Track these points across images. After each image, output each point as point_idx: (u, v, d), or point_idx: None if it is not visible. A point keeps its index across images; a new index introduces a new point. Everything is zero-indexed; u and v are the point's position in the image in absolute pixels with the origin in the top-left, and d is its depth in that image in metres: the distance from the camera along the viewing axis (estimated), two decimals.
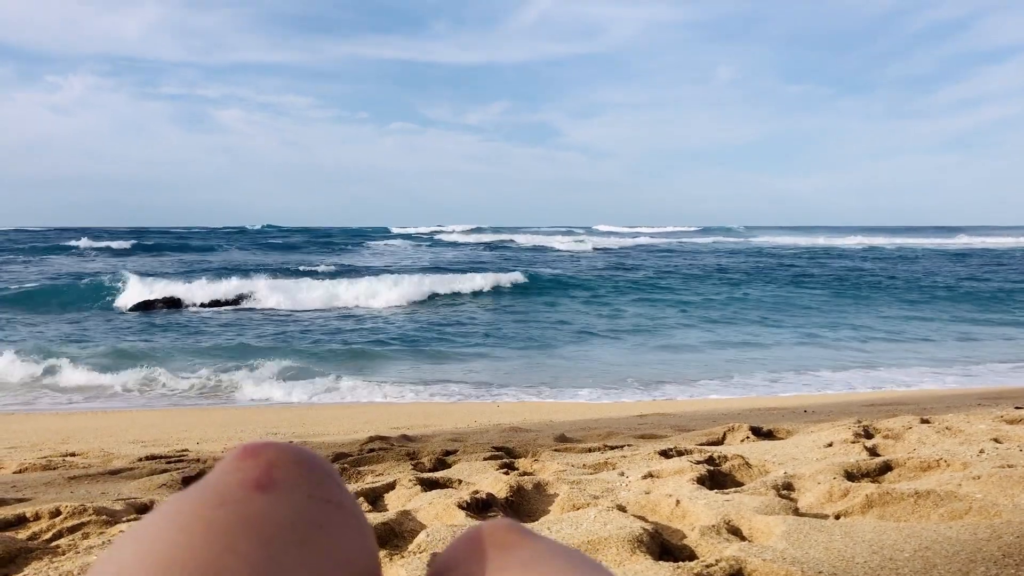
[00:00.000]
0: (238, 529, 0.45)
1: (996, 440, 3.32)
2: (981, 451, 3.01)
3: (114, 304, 16.72)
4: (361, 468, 3.70)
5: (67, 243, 44.97)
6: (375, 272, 23.00)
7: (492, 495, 2.74)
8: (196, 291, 17.57)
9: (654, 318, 15.13)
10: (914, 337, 12.69)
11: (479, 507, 2.64)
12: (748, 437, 4.20)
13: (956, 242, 56.16)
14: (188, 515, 0.46)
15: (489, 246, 49.65)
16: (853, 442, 3.51)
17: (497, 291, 19.97)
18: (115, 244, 44.45)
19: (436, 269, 25.26)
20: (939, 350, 11.43)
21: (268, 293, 17.54)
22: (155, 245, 45.55)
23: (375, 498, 2.99)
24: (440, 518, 2.52)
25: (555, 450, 4.03)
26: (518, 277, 21.51)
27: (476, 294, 19.44)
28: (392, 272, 22.56)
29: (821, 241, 56.94)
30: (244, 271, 23.03)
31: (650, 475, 3.05)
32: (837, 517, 2.36)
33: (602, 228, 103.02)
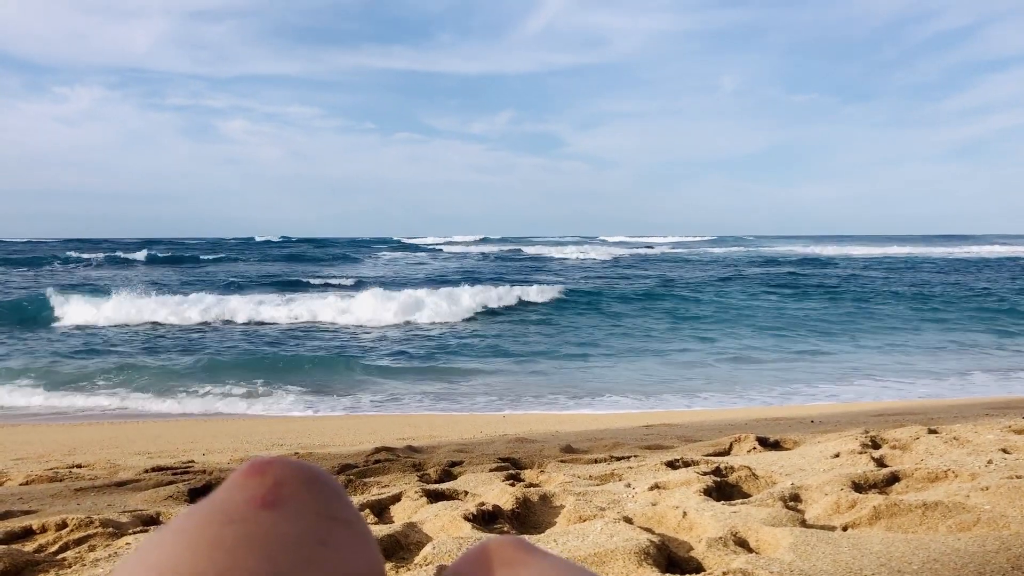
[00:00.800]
0: (245, 546, 0.45)
1: (1004, 450, 3.31)
2: (989, 462, 3.00)
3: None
4: (367, 479, 3.69)
5: (84, 255, 44.50)
6: (409, 284, 22.54)
7: (498, 507, 2.73)
8: (214, 305, 17.50)
9: (683, 331, 14.97)
10: (920, 346, 12.65)
11: (485, 519, 2.64)
12: (755, 448, 4.18)
13: (967, 251, 56.03)
14: (195, 532, 0.46)
15: (502, 256, 48.98)
16: (860, 453, 3.50)
17: (532, 305, 19.26)
18: (132, 255, 43.78)
19: (461, 280, 24.75)
20: (946, 359, 11.39)
21: (297, 307, 17.19)
22: (170, 257, 44.99)
23: (381, 510, 2.98)
24: (446, 530, 2.52)
25: (561, 461, 4.02)
26: (552, 291, 20.65)
27: (515, 306, 18.86)
28: (418, 284, 22.28)
29: (849, 251, 56.70)
30: (272, 284, 23.08)
31: (657, 486, 3.04)
32: (844, 529, 2.35)
33: (613, 239, 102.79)
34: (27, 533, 2.72)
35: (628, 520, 2.47)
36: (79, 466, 4.70)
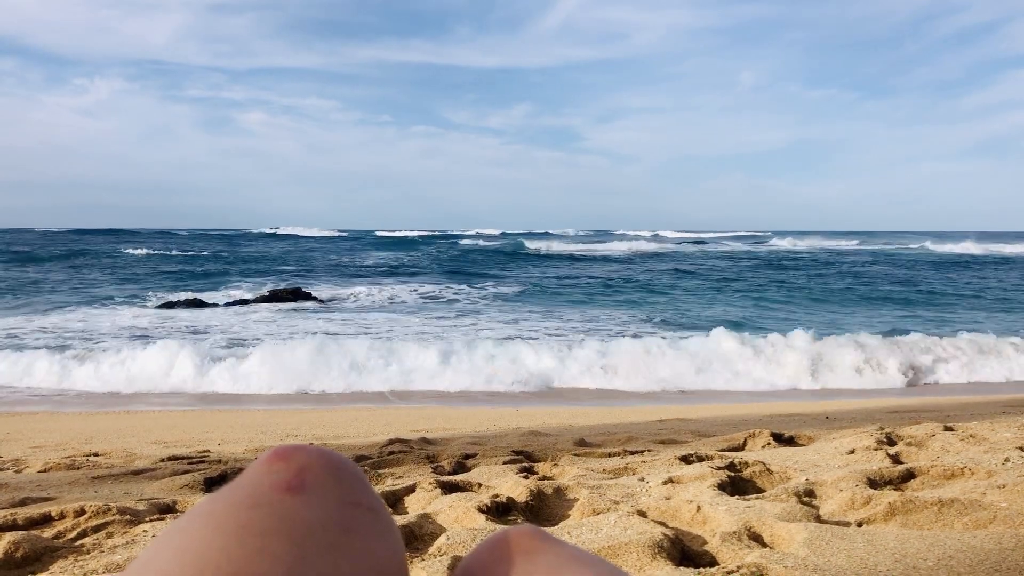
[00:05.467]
0: (271, 531, 0.46)
1: (1022, 449, 3.28)
2: (1006, 460, 2.98)
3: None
4: (381, 471, 3.71)
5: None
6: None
7: (512, 499, 2.74)
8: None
9: None
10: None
11: (499, 511, 2.65)
12: (769, 443, 4.17)
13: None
14: (222, 516, 0.47)
15: (573, 256, 43.68)
16: (876, 449, 3.49)
17: None
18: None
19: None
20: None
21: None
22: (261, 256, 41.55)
23: (395, 501, 3.00)
24: (460, 521, 2.53)
25: (575, 455, 4.02)
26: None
27: None
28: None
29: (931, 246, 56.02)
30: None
31: (670, 480, 3.04)
32: (859, 525, 2.34)
33: (666, 233, 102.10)
34: (46, 520, 2.75)
35: (642, 513, 2.47)
36: (96, 454, 4.74)
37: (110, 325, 13.88)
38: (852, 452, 3.50)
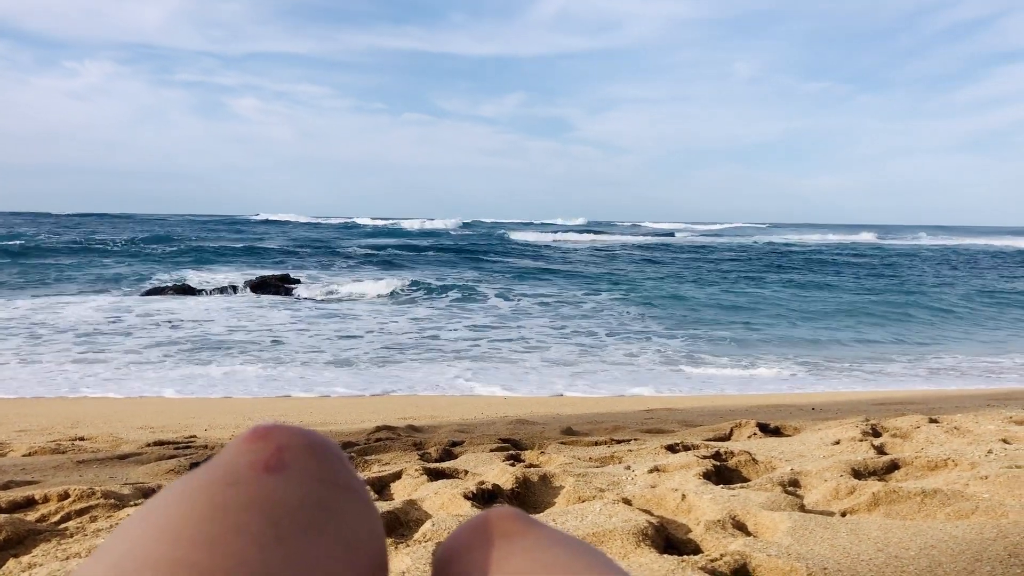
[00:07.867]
0: (247, 509, 0.45)
1: (1005, 441, 3.31)
2: (989, 451, 3.00)
3: None
4: (368, 457, 3.71)
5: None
6: None
7: (498, 486, 2.75)
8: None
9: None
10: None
11: (485, 498, 2.65)
12: (755, 433, 4.19)
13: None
14: (198, 494, 0.46)
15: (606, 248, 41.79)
16: (861, 440, 3.51)
17: None
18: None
19: None
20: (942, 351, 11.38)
21: None
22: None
23: (381, 487, 3.00)
24: (446, 508, 2.53)
25: (561, 443, 4.03)
26: None
27: None
28: None
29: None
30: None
31: (656, 469, 3.05)
32: (843, 514, 2.36)
33: (675, 226, 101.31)
34: (29, 503, 2.74)
35: (627, 501, 2.48)
36: (82, 439, 4.72)
37: (74, 319, 13.08)
38: (837, 443, 3.52)
